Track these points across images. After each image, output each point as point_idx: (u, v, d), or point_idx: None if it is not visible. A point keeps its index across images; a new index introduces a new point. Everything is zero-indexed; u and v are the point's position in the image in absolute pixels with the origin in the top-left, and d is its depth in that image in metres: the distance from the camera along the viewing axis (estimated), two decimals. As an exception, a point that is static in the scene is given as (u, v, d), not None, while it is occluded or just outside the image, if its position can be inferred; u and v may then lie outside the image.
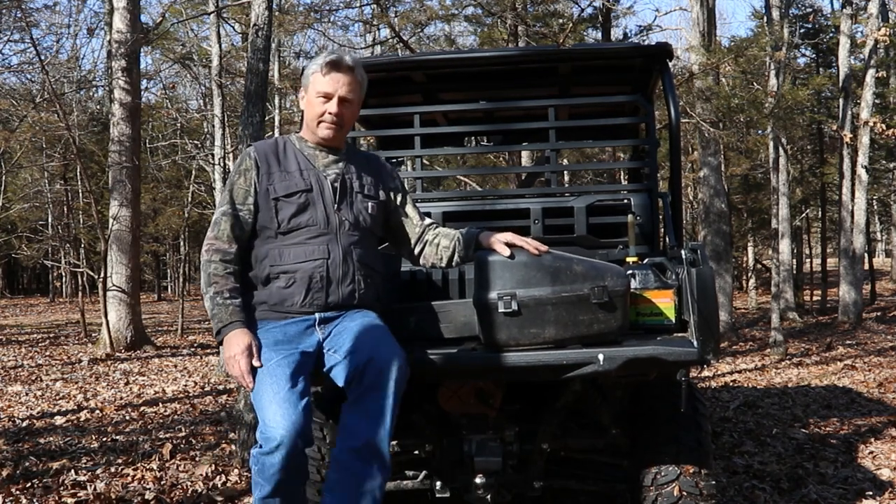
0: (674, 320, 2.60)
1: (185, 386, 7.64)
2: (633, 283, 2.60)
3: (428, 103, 3.92)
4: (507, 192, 5.27)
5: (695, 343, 2.35)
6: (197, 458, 4.57)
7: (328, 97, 2.51)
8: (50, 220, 24.02)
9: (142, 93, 12.59)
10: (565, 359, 2.38)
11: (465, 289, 3.17)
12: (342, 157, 2.59)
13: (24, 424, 5.79)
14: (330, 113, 2.51)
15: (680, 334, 2.56)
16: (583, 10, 11.43)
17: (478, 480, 2.77)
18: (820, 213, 20.89)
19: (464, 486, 2.84)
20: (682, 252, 2.54)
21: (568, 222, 3.37)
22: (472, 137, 4.46)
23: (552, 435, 2.84)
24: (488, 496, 2.79)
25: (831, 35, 18.48)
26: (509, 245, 2.48)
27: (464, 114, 4.15)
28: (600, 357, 2.34)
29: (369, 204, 2.57)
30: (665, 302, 2.61)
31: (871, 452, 4.67)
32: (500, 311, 2.38)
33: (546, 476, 2.86)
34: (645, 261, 2.78)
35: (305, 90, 2.56)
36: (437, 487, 2.88)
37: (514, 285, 2.40)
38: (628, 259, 2.86)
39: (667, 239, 3.36)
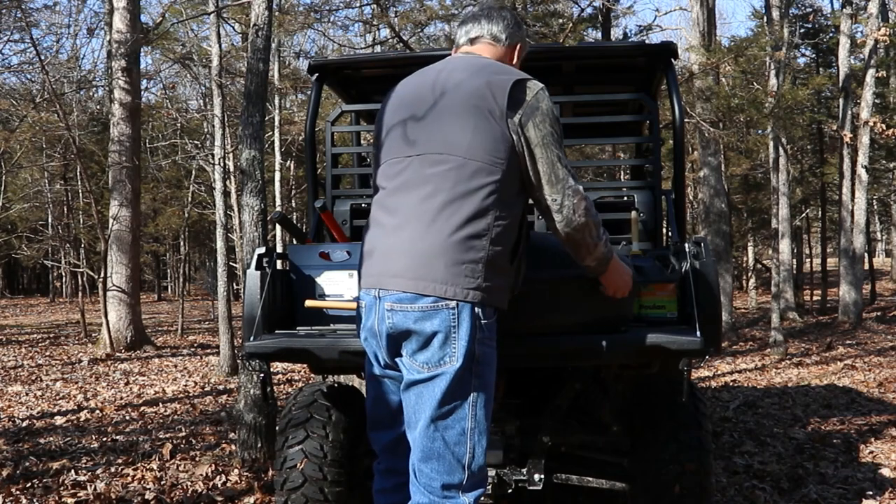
0: (676, 313, 2.61)
1: (185, 386, 7.64)
2: (637, 276, 2.61)
3: None
4: None
5: (697, 334, 2.36)
6: (197, 458, 4.57)
7: None
8: (50, 220, 24.00)
9: (142, 93, 12.59)
10: (569, 345, 2.38)
11: None
12: None
13: (24, 424, 5.79)
14: None
15: (682, 327, 2.57)
16: (583, 10, 11.41)
17: None
18: (820, 213, 20.87)
19: None
20: (686, 245, 2.56)
21: None
22: None
23: (553, 430, 2.84)
24: (489, 489, 2.79)
25: (831, 35, 18.46)
26: None
27: None
28: (604, 344, 2.35)
29: None
30: (668, 295, 2.62)
31: (872, 452, 4.67)
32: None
33: (546, 471, 2.86)
34: (648, 254, 2.79)
35: (525, 47, 2.37)
36: None
37: None
38: (632, 253, 2.86)
39: (670, 235, 3.37)
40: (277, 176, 15.68)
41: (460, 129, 2.04)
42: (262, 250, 2.76)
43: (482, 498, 2.75)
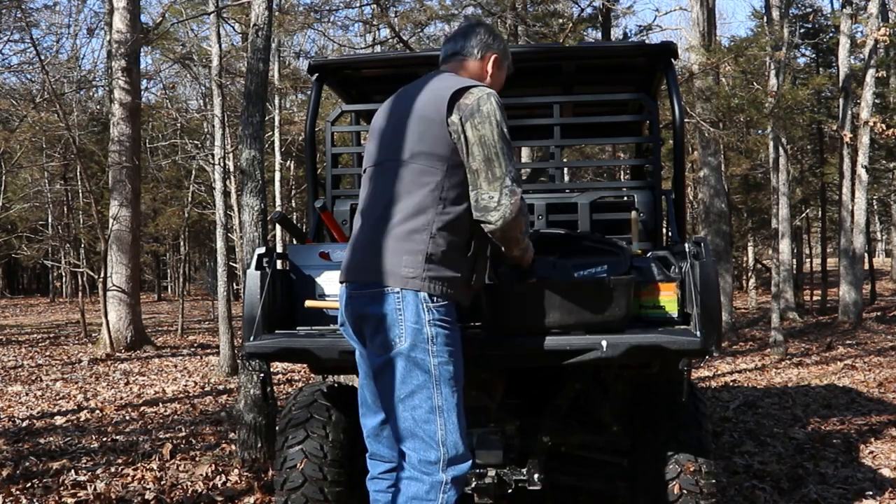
0: (676, 313, 2.61)
1: (185, 386, 7.64)
2: (637, 276, 2.61)
3: None
4: None
5: (697, 334, 2.36)
6: (197, 458, 4.57)
7: None
8: (50, 220, 24.00)
9: (142, 93, 12.58)
10: (569, 345, 2.39)
11: None
12: None
13: (24, 424, 5.79)
14: None
15: (682, 327, 2.56)
16: (583, 10, 11.42)
17: (478, 472, 2.77)
18: (820, 213, 20.86)
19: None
20: (686, 245, 2.56)
21: (571, 218, 3.38)
22: None
23: (553, 430, 2.84)
24: (489, 490, 2.79)
25: (831, 35, 18.46)
26: None
27: None
28: (604, 344, 2.35)
29: None
30: (668, 295, 2.62)
31: (871, 452, 4.68)
32: (506, 293, 2.39)
33: (546, 471, 2.86)
34: (648, 254, 2.79)
35: (502, 57, 2.44)
36: None
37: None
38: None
39: (670, 235, 3.37)
40: (277, 176, 15.69)
41: (406, 136, 2.23)
42: (262, 250, 2.76)
43: (484, 498, 2.77)
